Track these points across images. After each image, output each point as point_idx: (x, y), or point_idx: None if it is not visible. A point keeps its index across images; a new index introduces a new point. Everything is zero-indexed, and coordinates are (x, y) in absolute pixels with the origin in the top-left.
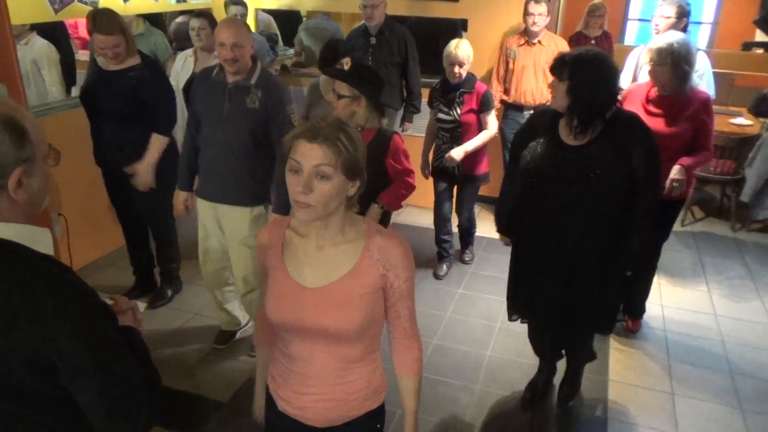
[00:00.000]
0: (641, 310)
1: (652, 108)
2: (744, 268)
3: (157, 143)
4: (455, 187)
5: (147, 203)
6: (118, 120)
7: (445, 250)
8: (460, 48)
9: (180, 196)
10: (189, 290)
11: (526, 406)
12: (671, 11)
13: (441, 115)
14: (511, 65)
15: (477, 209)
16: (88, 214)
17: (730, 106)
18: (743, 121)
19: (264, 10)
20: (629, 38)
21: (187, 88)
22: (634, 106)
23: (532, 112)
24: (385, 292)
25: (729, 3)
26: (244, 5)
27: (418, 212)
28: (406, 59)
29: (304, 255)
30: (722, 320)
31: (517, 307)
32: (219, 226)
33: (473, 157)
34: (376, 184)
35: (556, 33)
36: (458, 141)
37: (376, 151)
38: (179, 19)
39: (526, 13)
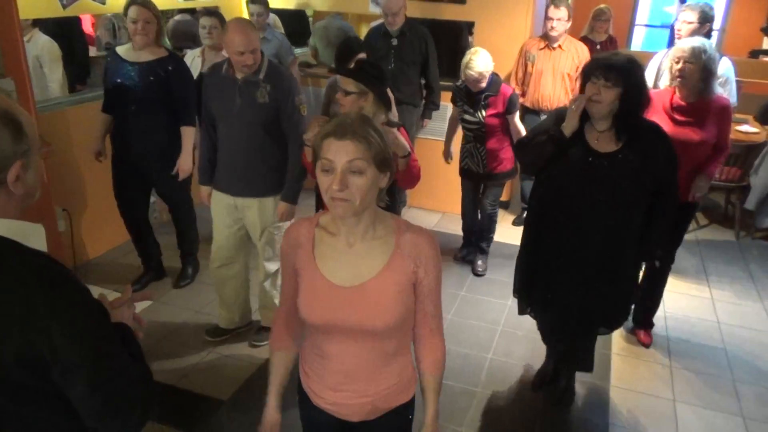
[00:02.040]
0: (652, 322)
1: (677, 116)
2: (747, 276)
3: (189, 134)
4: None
5: (173, 190)
6: (147, 109)
7: (472, 239)
8: (479, 63)
9: (204, 191)
10: (189, 288)
11: (535, 389)
12: (693, 16)
13: (466, 116)
14: (529, 68)
15: None
16: (94, 208)
17: (737, 113)
18: (749, 128)
19: (271, 10)
20: (636, 43)
21: (197, 87)
22: (657, 114)
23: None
24: (414, 288)
25: (736, 10)
26: (265, 4)
27: (423, 214)
28: (427, 58)
29: (335, 253)
30: (725, 327)
31: (530, 301)
32: (236, 219)
33: (496, 155)
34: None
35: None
36: (482, 142)
37: None
38: (178, 17)
39: (546, 18)
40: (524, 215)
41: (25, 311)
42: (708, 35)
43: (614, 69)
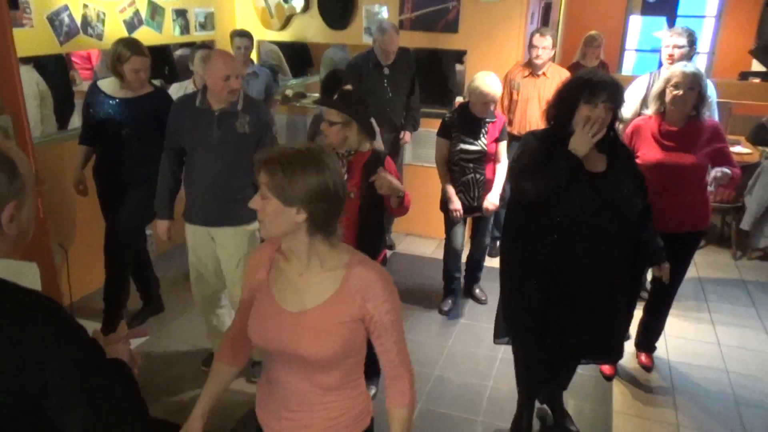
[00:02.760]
0: (654, 345)
1: (667, 142)
2: (746, 297)
3: None
4: (468, 219)
5: (139, 221)
6: (138, 142)
7: (455, 286)
8: (494, 86)
9: (163, 225)
10: (184, 320)
11: None
12: (684, 40)
13: (465, 146)
14: (515, 96)
15: None
16: (89, 242)
17: (729, 135)
18: (742, 149)
19: (276, 42)
20: (627, 68)
21: None
22: (645, 141)
23: None
24: (367, 324)
25: (725, 33)
26: (250, 37)
27: (420, 241)
28: (414, 82)
29: (286, 279)
30: (726, 349)
31: (514, 329)
32: (213, 250)
33: (491, 184)
34: (368, 200)
35: (554, 62)
36: (482, 172)
37: (372, 168)
38: (179, 52)
39: (531, 46)
40: (497, 245)
41: (19, 350)
42: (690, 58)
43: (615, 89)
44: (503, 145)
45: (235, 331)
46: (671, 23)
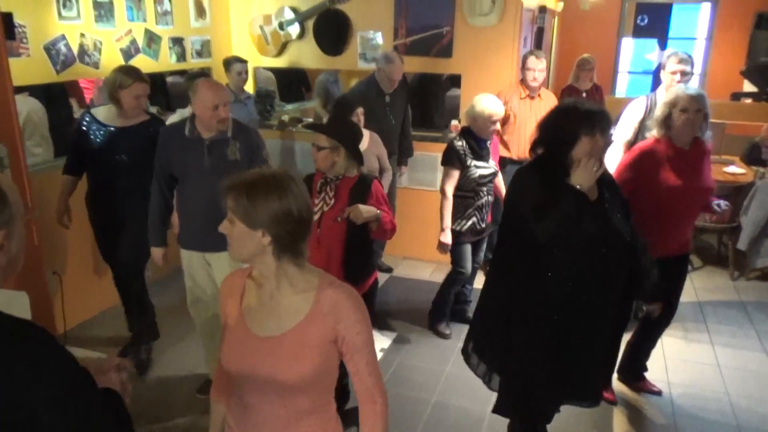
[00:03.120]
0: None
1: (683, 165)
2: (745, 317)
3: None
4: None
5: (140, 250)
6: (135, 171)
7: (463, 312)
8: (498, 105)
9: (158, 252)
10: (180, 348)
11: None
12: (690, 68)
13: (480, 171)
14: (511, 119)
15: None
16: (84, 270)
17: (723, 155)
18: (736, 169)
19: (267, 68)
20: (620, 90)
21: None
22: (662, 166)
23: None
24: (339, 345)
25: (716, 54)
26: (245, 62)
27: (417, 264)
28: (407, 109)
29: (259, 303)
30: (726, 371)
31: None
32: (210, 274)
33: (498, 203)
34: (355, 225)
35: (548, 87)
36: (492, 192)
37: (360, 195)
38: (170, 79)
39: (526, 68)
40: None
41: (7, 381)
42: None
43: (609, 118)
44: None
45: (222, 365)
46: (663, 45)
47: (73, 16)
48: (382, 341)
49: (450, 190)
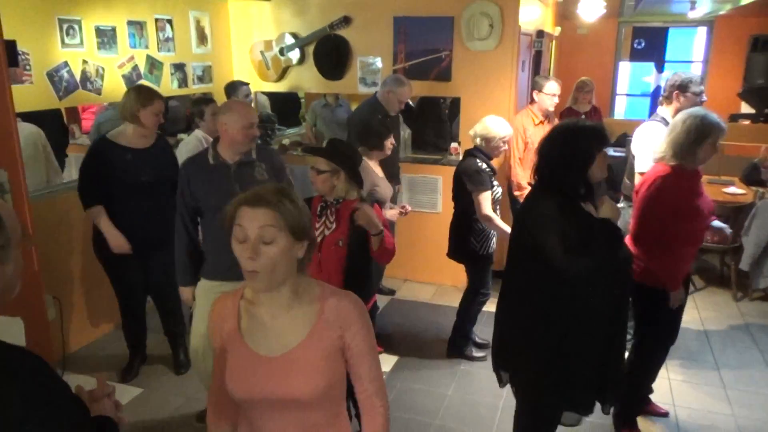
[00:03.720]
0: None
1: (697, 189)
2: (749, 338)
3: None
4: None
5: (169, 274)
6: (158, 189)
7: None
8: (508, 126)
9: (187, 292)
10: (174, 376)
11: None
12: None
13: (499, 190)
14: (529, 145)
15: None
16: (84, 295)
17: (722, 176)
18: (736, 190)
19: (269, 93)
20: (618, 111)
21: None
22: (696, 192)
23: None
24: (344, 353)
25: (713, 77)
26: (248, 85)
27: (418, 287)
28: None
29: (260, 325)
30: (731, 392)
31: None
32: None
33: None
34: (356, 250)
35: None
36: None
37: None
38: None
39: (546, 93)
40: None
41: None
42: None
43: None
44: None
45: (218, 393)
46: (660, 69)
47: (76, 43)
48: (383, 364)
49: (491, 211)
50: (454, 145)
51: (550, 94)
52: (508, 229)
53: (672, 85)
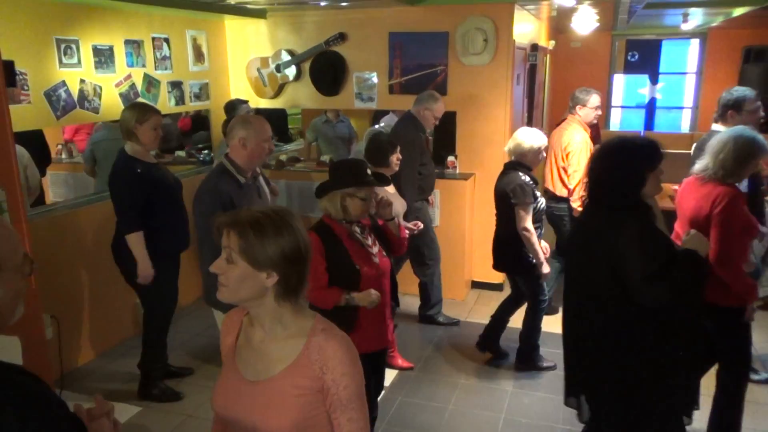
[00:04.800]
0: None
1: None
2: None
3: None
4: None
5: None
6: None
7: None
8: (543, 137)
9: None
10: (185, 389)
11: None
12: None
13: (542, 201)
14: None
15: (476, 294)
16: (82, 314)
17: None
18: None
19: (258, 110)
20: (614, 122)
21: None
22: (747, 209)
23: None
24: (324, 396)
25: (707, 88)
26: (248, 103)
27: (417, 300)
28: None
29: (251, 345)
30: None
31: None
32: None
33: None
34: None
35: (542, 123)
36: None
37: (376, 227)
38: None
39: (593, 107)
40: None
41: None
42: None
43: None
44: None
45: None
46: (654, 80)
47: (74, 63)
48: (384, 379)
49: (531, 225)
50: (450, 158)
51: (594, 107)
52: (540, 252)
53: (725, 104)
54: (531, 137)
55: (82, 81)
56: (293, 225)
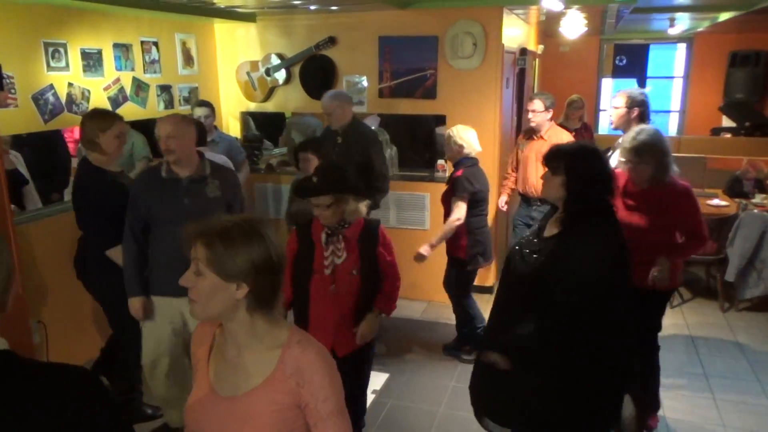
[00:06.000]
0: None
1: (628, 201)
2: (737, 349)
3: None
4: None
5: None
6: None
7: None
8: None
9: (137, 302)
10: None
11: None
12: (620, 101)
13: None
14: (519, 156)
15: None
16: (69, 319)
17: (705, 189)
18: (720, 202)
19: (248, 113)
20: (603, 126)
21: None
22: (618, 196)
23: (538, 203)
24: (303, 411)
25: (694, 92)
26: (210, 107)
27: (407, 304)
28: (369, 160)
29: (224, 359)
30: (721, 403)
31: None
32: (177, 325)
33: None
34: (369, 275)
35: None
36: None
37: (368, 242)
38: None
39: (525, 110)
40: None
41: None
42: (642, 119)
43: (554, 157)
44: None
45: None
46: (642, 84)
47: (62, 66)
48: (374, 382)
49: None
50: (440, 162)
51: (526, 110)
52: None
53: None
54: (471, 134)
55: (71, 85)
56: (263, 233)
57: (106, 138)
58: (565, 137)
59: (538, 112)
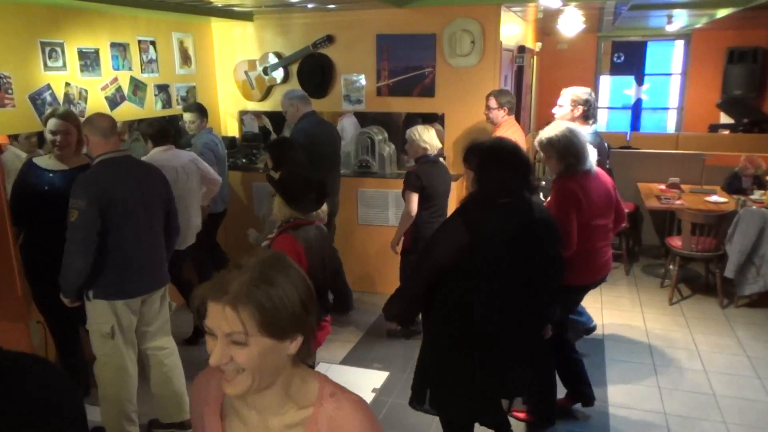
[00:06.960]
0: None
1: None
2: (737, 345)
3: None
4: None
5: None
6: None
7: None
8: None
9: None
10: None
11: None
12: (565, 100)
13: None
14: None
15: None
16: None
17: (704, 185)
18: (718, 198)
19: (247, 111)
20: (601, 124)
21: None
22: None
23: None
24: None
25: (692, 89)
26: (199, 111)
27: (378, 298)
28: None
29: (242, 423)
30: (722, 400)
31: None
32: (131, 327)
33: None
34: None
35: (530, 123)
36: None
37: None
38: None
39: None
40: None
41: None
42: (586, 118)
43: (469, 153)
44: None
45: None
46: (639, 81)
47: (59, 66)
48: (374, 381)
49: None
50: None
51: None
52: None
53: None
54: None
55: (68, 84)
56: (289, 264)
57: (47, 134)
58: (516, 134)
59: (492, 109)
